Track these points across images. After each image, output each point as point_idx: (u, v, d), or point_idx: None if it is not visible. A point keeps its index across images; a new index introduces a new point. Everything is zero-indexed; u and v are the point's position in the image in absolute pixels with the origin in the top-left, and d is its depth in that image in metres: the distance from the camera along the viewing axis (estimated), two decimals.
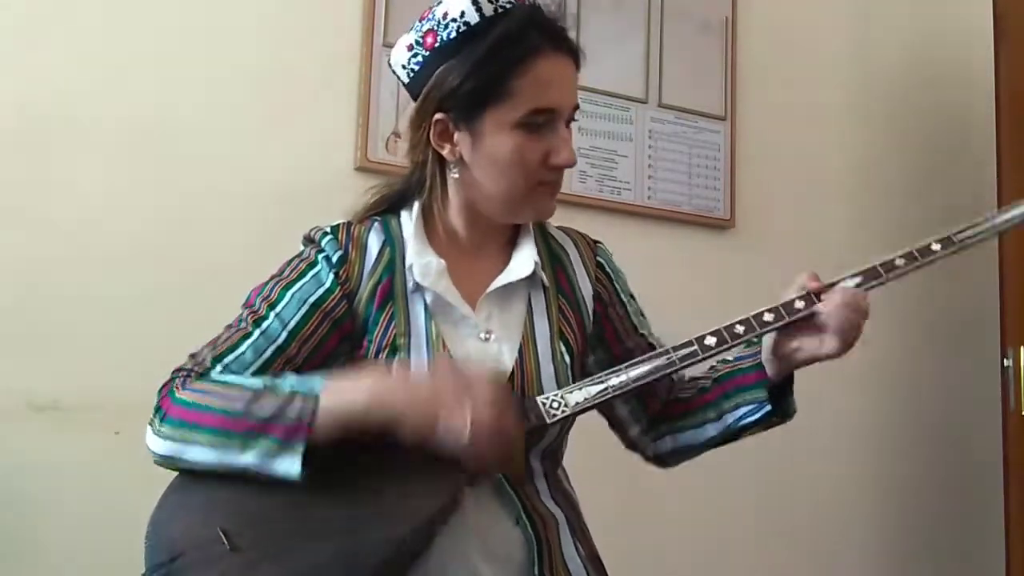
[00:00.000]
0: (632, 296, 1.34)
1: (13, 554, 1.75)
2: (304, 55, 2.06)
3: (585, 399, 1.13)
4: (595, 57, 2.35)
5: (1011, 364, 2.39)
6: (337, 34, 2.09)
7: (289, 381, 1.09)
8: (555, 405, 1.12)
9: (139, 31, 1.95)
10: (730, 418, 1.24)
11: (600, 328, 1.29)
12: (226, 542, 1.03)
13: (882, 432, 2.65)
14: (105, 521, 1.76)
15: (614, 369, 1.15)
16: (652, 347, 1.28)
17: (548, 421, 1.12)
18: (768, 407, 1.22)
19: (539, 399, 1.13)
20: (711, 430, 1.26)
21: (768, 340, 1.20)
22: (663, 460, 1.34)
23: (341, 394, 1.05)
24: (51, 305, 1.82)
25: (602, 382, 1.14)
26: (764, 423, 1.24)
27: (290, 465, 1.03)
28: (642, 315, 1.33)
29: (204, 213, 1.94)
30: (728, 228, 2.48)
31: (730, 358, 1.27)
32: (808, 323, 1.17)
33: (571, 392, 1.14)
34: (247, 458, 1.05)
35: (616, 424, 1.34)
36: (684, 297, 2.16)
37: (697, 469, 2.32)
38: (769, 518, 2.46)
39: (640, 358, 1.16)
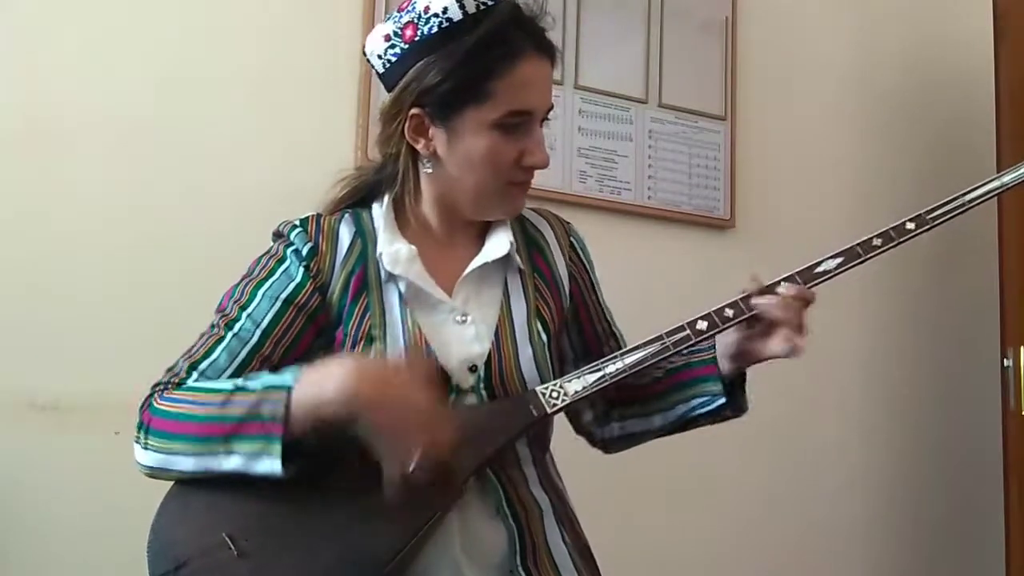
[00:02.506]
0: (598, 282, 1.35)
1: (13, 553, 1.75)
2: (304, 55, 2.06)
3: (583, 387, 1.14)
4: (595, 57, 2.35)
5: (1011, 364, 2.38)
6: (337, 34, 2.09)
7: (261, 378, 1.07)
8: (554, 395, 1.14)
9: (139, 32, 1.95)
10: (681, 408, 1.25)
11: (575, 309, 1.30)
12: (232, 547, 1.03)
13: (882, 432, 2.65)
14: (105, 521, 1.76)
15: (610, 357, 1.16)
16: (613, 335, 1.32)
17: (549, 411, 1.13)
18: (722, 400, 1.22)
19: (538, 389, 1.14)
20: (658, 420, 1.28)
21: (722, 337, 1.20)
22: (608, 446, 1.35)
23: (312, 386, 1.03)
24: (51, 305, 1.82)
25: (599, 370, 1.15)
26: (715, 416, 1.24)
27: (271, 464, 1.02)
28: (604, 302, 1.35)
29: (204, 213, 1.94)
30: (728, 228, 2.48)
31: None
32: (759, 322, 1.18)
33: (569, 381, 1.15)
34: (231, 463, 1.04)
35: (571, 411, 1.32)
36: (684, 297, 2.15)
37: (697, 467, 2.34)
38: (768, 517, 2.46)
39: (633, 345, 1.17)
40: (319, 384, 1.02)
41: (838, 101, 2.70)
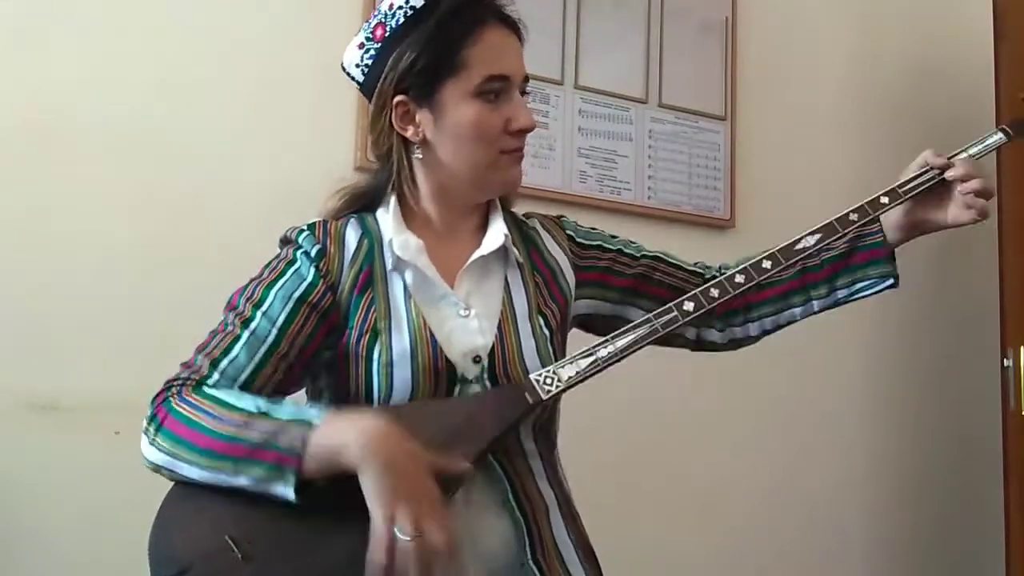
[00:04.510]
0: (613, 236, 1.39)
1: (12, 554, 1.75)
2: (304, 56, 2.06)
3: (577, 372, 1.16)
4: (595, 57, 2.35)
5: (1011, 364, 2.38)
6: (337, 35, 2.08)
7: (286, 408, 1.07)
8: (548, 381, 1.15)
9: (140, 33, 1.95)
10: (842, 292, 1.33)
11: (602, 281, 1.33)
12: (237, 551, 1.02)
13: (882, 432, 2.65)
14: (105, 521, 1.76)
15: (602, 340, 1.19)
16: (656, 257, 1.38)
17: (544, 398, 1.14)
18: (890, 281, 1.31)
19: (532, 376, 1.15)
20: (816, 305, 1.35)
21: (893, 213, 1.30)
22: (741, 343, 1.40)
23: (334, 430, 1.02)
24: (51, 305, 1.82)
25: (591, 354, 1.17)
26: (877, 293, 1.33)
27: (284, 491, 1.01)
28: (632, 241, 1.39)
29: (204, 214, 1.94)
30: (728, 228, 2.48)
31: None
32: (934, 194, 1.28)
33: (563, 367, 1.16)
34: (240, 481, 1.03)
35: (666, 340, 1.33)
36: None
37: (696, 467, 2.34)
38: (768, 517, 2.46)
39: (623, 328, 1.20)
40: (341, 430, 1.02)
41: (838, 101, 2.70)
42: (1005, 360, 2.41)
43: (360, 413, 1.06)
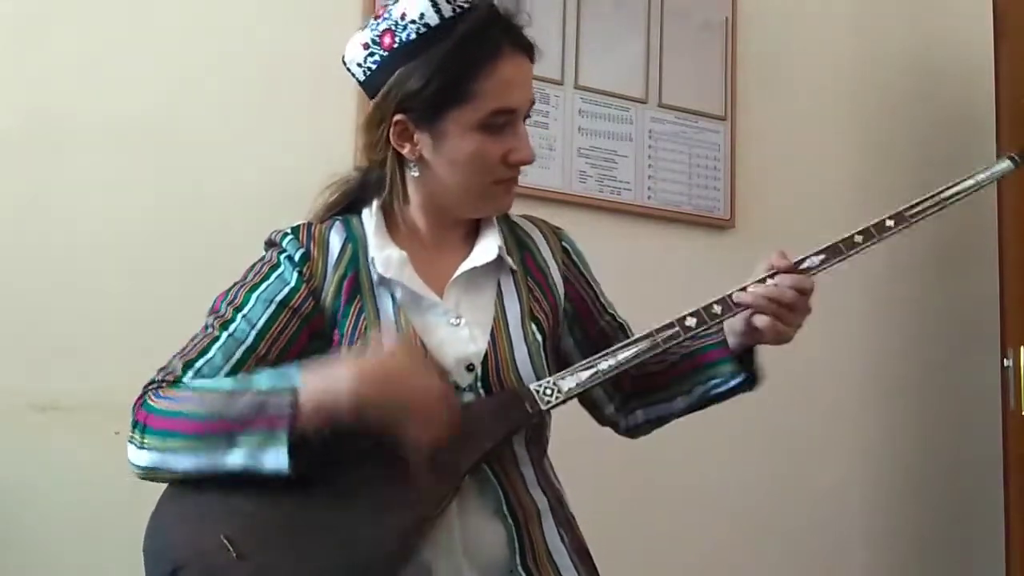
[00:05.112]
0: (595, 279, 1.36)
1: (13, 553, 1.75)
2: (304, 55, 2.06)
3: (577, 384, 1.16)
4: (595, 57, 2.35)
5: (1011, 364, 2.38)
6: (337, 33, 2.08)
7: (263, 376, 1.08)
8: (548, 392, 1.15)
9: (140, 33, 1.95)
10: (700, 389, 1.27)
11: (575, 310, 1.31)
12: (231, 549, 1.02)
13: (882, 432, 2.65)
14: (105, 521, 1.76)
15: (603, 353, 1.18)
16: (621, 326, 1.33)
17: (543, 408, 1.14)
18: (739, 379, 1.24)
19: (532, 386, 1.15)
20: (681, 402, 1.30)
21: (733, 319, 1.22)
22: (634, 432, 1.37)
23: (318, 383, 1.04)
24: (51, 305, 1.82)
25: (592, 367, 1.17)
26: (735, 392, 1.26)
27: (277, 458, 1.02)
28: (605, 296, 1.36)
29: (204, 214, 1.94)
30: (728, 228, 2.48)
31: None
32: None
33: (563, 378, 1.16)
34: (234, 458, 1.03)
35: (591, 405, 1.36)
36: (684, 297, 2.15)
37: (695, 466, 2.34)
38: (768, 517, 2.46)
39: (626, 341, 1.19)
40: (326, 389, 1.03)
41: (838, 101, 2.70)
42: (1005, 360, 2.41)
43: (334, 362, 1.06)
